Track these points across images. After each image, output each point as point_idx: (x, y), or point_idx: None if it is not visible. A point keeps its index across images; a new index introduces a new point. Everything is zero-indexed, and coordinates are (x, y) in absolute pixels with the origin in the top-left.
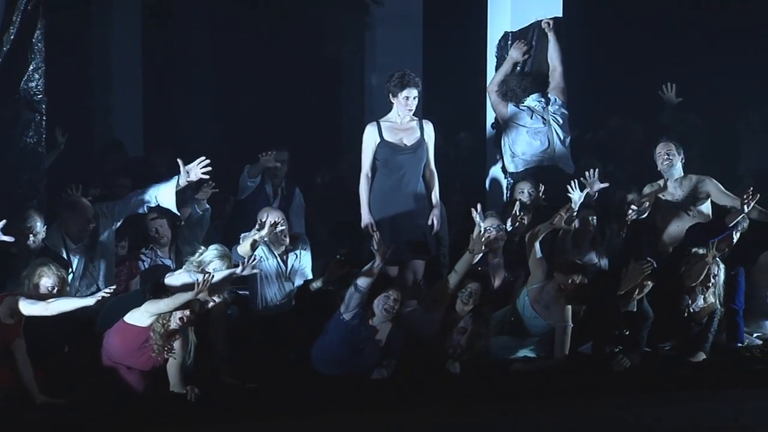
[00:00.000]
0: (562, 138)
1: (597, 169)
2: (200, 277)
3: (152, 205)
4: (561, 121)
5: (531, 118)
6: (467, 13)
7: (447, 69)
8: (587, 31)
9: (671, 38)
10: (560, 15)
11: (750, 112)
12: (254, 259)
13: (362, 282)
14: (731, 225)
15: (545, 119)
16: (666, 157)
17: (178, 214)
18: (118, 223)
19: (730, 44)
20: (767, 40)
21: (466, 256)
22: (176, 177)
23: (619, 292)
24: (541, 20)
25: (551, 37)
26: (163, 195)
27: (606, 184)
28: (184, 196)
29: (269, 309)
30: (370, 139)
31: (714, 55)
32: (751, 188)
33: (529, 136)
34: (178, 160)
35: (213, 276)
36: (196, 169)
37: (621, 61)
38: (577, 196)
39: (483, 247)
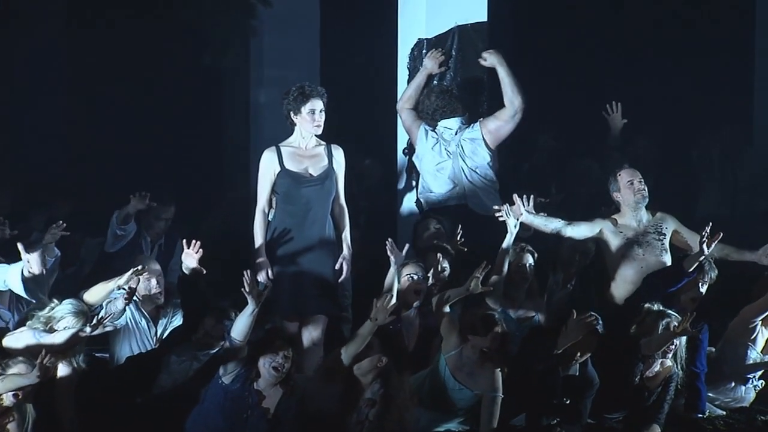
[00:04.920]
0: (470, 176)
1: (531, 196)
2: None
3: (2, 289)
4: (475, 154)
5: (432, 148)
6: (374, 16)
7: (350, 83)
8: (516, 38)
9: (616, 50)
10: (485, 19)
11: (706, 138)
12: (109, 315)
13: (237, 333)
14: (690, 270)
15: (449, 152)
16: (640, 186)
17: (29, 298)
18: None
19: (683, 58)
20: (721, 52)
21: (367, 324)
22: (20, 264)
23: (556, 350)
24: (462, 25)
25: (500, 72)
26: (11, 280)
27: (544, 215)
28: (29, 239)
29: None
30: (268, 167)
31: (665, 72)
32: (710, 224)
33: (432, 172)
34: (19, 245)
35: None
36: (37, 260)
37: (557, 74)
38: (512, 222)
39: (388, 316)
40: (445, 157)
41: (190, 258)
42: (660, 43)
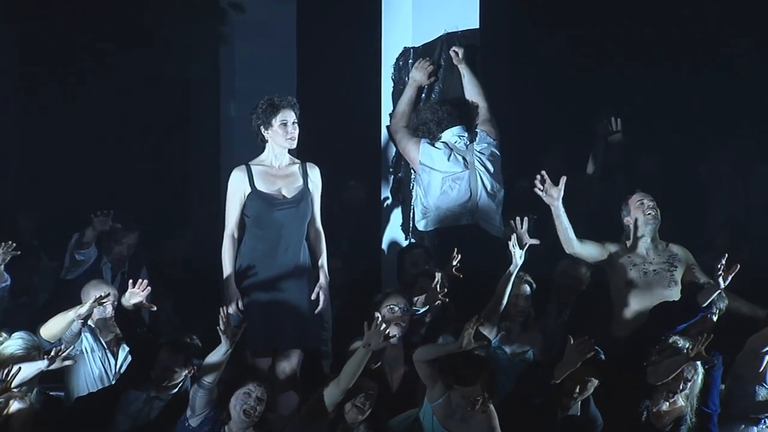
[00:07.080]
0: (489, 188)
1: (527, 218)
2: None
3: None
4: (491, 167)
5: (449, 159)
6: (356, 23)
7: (329, 96)
8: (512, 45)
9: (617, 56)
10: (476, 26)
11: (715, 151)
12: (68, 348)
13: (208, 376)
14: (705, 305)
15: (467, 161)
16: (650, 204)
17: None
18: None
19: (690, 65)
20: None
21: (359, 352)
22: None
23: (554, 380)
24: (451, 32)
25: (464, 70)
26: None
27: (536, 241)
28: None
29: None
30: (237, 188)
31: (671, 80)
32: (726, 256)
33: (446, 183)
34: None
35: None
36: None
37: (555, 83)
38: (519, 254)
39: (382, 340)
40: (463, 167)
41: (136, 297)
42: (665, 49)
